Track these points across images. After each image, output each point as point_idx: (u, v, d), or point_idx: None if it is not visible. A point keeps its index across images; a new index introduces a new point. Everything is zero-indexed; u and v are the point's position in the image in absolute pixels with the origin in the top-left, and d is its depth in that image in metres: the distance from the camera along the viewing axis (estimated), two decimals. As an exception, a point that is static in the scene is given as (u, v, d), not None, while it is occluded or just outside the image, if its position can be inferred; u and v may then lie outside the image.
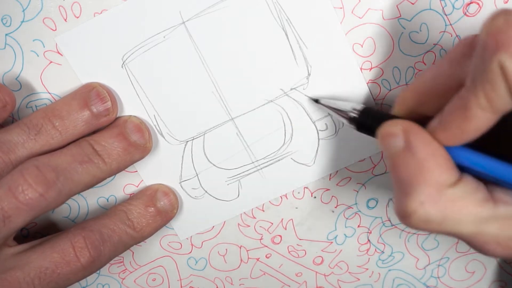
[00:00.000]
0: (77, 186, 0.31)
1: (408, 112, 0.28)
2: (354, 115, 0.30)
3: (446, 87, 0.25)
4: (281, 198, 0.37)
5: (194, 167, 0.36)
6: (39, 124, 0.32)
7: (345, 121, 0.30)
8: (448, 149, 0.25)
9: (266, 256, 0.39)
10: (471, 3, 0.32)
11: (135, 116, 0.34)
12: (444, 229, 0.24)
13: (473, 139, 0.24)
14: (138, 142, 0.34)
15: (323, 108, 0.32)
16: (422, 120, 0.26)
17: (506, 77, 0.21)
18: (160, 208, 0.35)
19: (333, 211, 0.38)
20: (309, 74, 0.33)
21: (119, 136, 0.33)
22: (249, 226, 0.38)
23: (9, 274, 0.30)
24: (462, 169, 0.25)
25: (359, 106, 0.30)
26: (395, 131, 0.26)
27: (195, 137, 0.35)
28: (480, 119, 0.23)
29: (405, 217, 0.25)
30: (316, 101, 0.33)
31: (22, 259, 0.31)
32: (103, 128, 0.34)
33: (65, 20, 0.32)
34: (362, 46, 0.33)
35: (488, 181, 0.25)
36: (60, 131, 0.32)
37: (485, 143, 0.26)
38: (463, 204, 0.24)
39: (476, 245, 0.25)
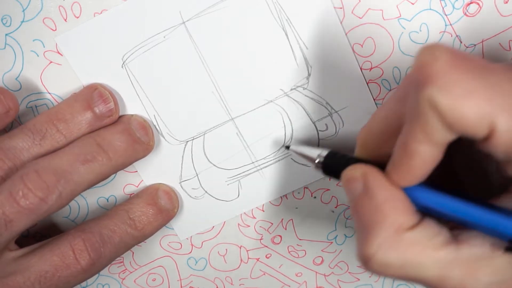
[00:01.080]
0: (79, 186, 0.31)
1: (369, 153, 0.27)
2: (319, 160, 0.31)
3: (398, 126, 0.24)
4: (281, 198, 0.37)
5: (194, 167, 0.36)
6: (43, 129, 0.32)
7: (312, 166, 0.31)
8: (410, 191, 0.24)
9: (266, 256, 0.39)
10: (471, 3, 0.32)
11: (137, 115, 0.34)
12: (406, 273, 0.24)
13: (425, 176, 0.23)
14: (143, 139, 0.34)
15: (294, 153, 0.34)
16: (387, 160, 0.26)
17: (437, 110, 0.21)
18: (162, 206, 0.35)
19: (333, 211, 0.38)
20: (309, 74, 0.33)
21: (124, 132, 0.33)
22: (249, 226, 0.38)
23: (10, 279, 0.31)
24: (425, 210, 0.25)
25: (324, 152, 0.31)
26: (354, 175, 0.26)
27: (195, 137, 0.35)
28: (422, 154, 0.22)
29: (365, 262, 0.24)
30: (287, 147, 0.34)
31: (22, 263, 0.31)
32: (108, 126, 0.33)
33: (65, 20, 0.32)
34: (362, 46, 0.33)
35: (452, 224, 0.25)
36: (65, 135, 0.32)
37: (457, 184, 0.26)
38: (423, 247, 0.23)
39: None
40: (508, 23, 0.32)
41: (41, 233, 0.38)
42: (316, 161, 0.31)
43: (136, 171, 0.36)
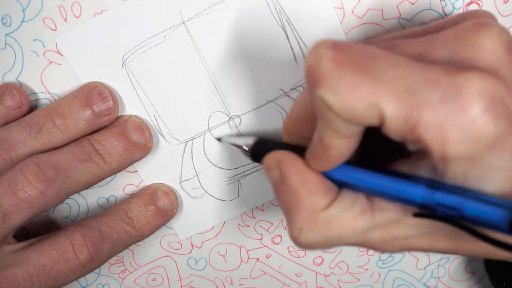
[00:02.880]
0: (77, 184, 0.31)
1: (293, 138, 0.28)
2: (247, 149, 0.32)
3: (312, 112, 0.25)
4: (281, 198, 0.37)
5: (194, 167, 0.36)
6: (40, 123, 0.32)
7: (242, 154, 0.33)
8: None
9: (266, 256, 0.39)
10: (471, 3, 0.32)
11: (136, 116, 0.34)
12: (331, 245, 0.26)
13: (344, 161, 0.25)
14: (139, 142, 0.34)
15: (226, 144, 0.35)
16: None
17: (330, 108, 0.22)
18: (160, 207, 0.35)
19: (333, 211, 0.38)
20: (309, 74, 0.33)
21: (119, 135, 0.33)
22: (249, 226, 0.38)
23: (8, 271, 0.31)
24: (342, 185, 0.26)
25: (252, 140, 0.32)
26: (271, 164, 0.27)
27: (195, 137, 0.35)
28: (336, 146, 0.23)
29: (293, 242, 0.26)
30: (219, 139, 0.35)
31: (20, 256, 0.31)
32: (104, 128, 0.34)
33: (65, 20, 0.32)
34: (362, 46, 0.33)
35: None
36: (61, 130, 0.32)
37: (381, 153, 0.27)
38: (339, 222, 0.25)
39: (367, 248, 0.26)
40: (508, 23, 0.32)
41: (41, 233, 0.38)
42: (246, 150, 0.32)
43: (136, 171, 0.36)
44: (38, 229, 0.38)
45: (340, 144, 0.23)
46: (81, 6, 0.32)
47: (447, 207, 0.22)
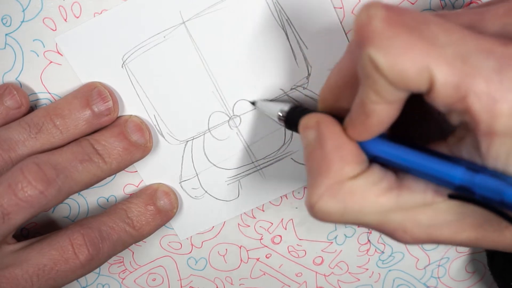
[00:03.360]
0: (77, 184, 0.31)
1: (329, 108, 0.27)
2: (282, 114, 0.31)
3: (352, 79, 0.24)
4: (281, 198, 0.37)
5: (194, 167, 0.36)
6: (40, 123, 0.32)
7: (276, 120, 0.31)
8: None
9: (266, 256, 0.39)
10: (471, 3, 0.32)
11: (135, 116, 0.34)
12: (347, 220, 0.25)
13: (383, 131, 0.24)
14: (139, 142, 0.34)
15: (260, 109, 0.34)
16: (346, 114, 0.26)
17: (379, 70, 0.21)
18: (160, 207, 0.35)
19: (333, 211, 0.38)
20: (309, 74, 0.33)
21: (119, 135, 0.33)
22: (249, 226, 0.38)
23: (8, 271, 0.31)
24: (375, 159, 0.25)
25: (287, 107, 0.31)
26: (309, 123, 0.26)
27: (195, 137, 0.35)
28: (378, 112, 0.23)
29: (309, 209, 0.25)
30: (253, 103, 0.34)
31: (20, 256, 0.31)
32: (104, 128, 0.34)
33: (65, 20, 0.32)
34: (362, 46, 0.33)
35: (399, 170, 0.25)
36: (61, 130, 0.32)
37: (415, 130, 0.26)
38: (363, 195, 0.24)
39: (384, 232, 0.25)
40: (508, 23, 0.32)
41: (41, 233, 0.38)
42: (280, 115, 0.31)
43: (136, 171, 0.36)
44: (38, 229, 0.38)
45: (382, 110, 0.22)
46: (81, 6, 0.32)
47: (489, 191, 0.21)
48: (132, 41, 0.33)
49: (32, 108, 0.34)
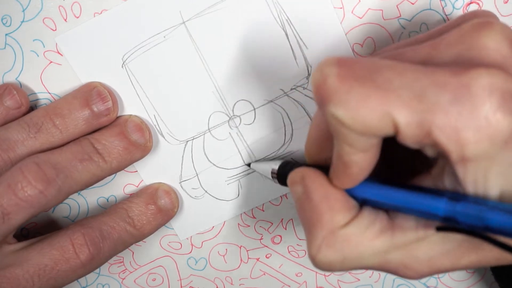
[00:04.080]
0: (77, 184, 0.31)
1: (316, 159, 0.28)
2: (274, 173, 0.32)
3: (328, 132, 0.25)
4: (281, 198, 0.37)
5: (194, 167, 0.36)
6: (39, 122, 0.32)
7: (270, 179, 0.33)
8: None
9: (266, 256, 0.39)
10: (471, 3, 0.32)
11: (135, 116, 0.34)
12: (349, 267, 0.25)
13: (366, 176, 0.24)
14: (139, 142, 0.34)
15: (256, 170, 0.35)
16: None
17: (343, 124, 0.21)
18: (161, 206, 0.35)
19: (333, 211, 0.38)
20: (309, 74, 0.34)
21: (119, 135, 0.33)
22: (249, 226, 0.38)
23: (8, 271, 0.30)
24: (363, 202, 0.25)
25: (277, 164, 0.32)
26: (295, 178, 0.27)
27: (195, 137, 0.35)
28: (356, 162, 0.23)
29: (312, 261, 0.25)
30: (248, 165, 0.36)
31: (21, 256, 0.31)
32: (104, 127, 0.34)
33: (65, 20, 0.32)
34: (362, 46, 0.33)
35: (390, 210, 0.25)
36: (61, 130, 0.32)
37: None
38: (359, 240, 0.24)
39: (388, 272, 0.25)
40: (508, 23, 0.32)
41: (41, 233, 0.38)
42: (272, 175, 0.32)
43: (136, 171, 0.36)
44: (38, 229, 0.38)
45: (359, 159, 0.23)
46: (81, 6, 0.32)
47: (471, 218, 0.22)
48: (132, 41, 0.33)
49: (32, 108, 0.34)
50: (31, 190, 0.29)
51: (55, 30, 0.32)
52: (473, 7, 0.32)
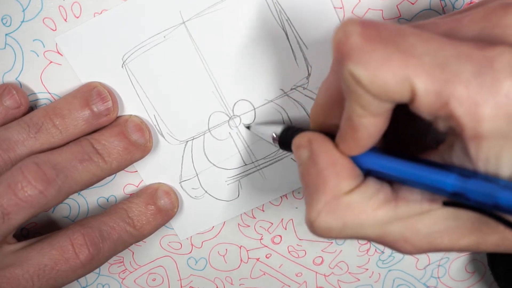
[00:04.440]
0: (77, 184, 0.31)
1: (321, 125, 0.28)
2: (275, 136, 0.32)
3: (338, 96, 0.25)
4: (281, 198, 0.37)
5: (194, 167, 0.36)
6: (39, 123, 0.32)
7: (271, 142, 0.32)
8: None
9: (266, 256, 0.39)
10: (471, 3, 0.32)
11: (135, 116, 0.34)
12: (347, 235, 0.25)
13: (374, 144, 0.24)
14: (139, 142, 0.34)
15: (254, 132, 0.35)
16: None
17: (361, 84, 0.21)
18: (161, 206, 0.35)
19: (333, 211, 0.38)
20: (309, 74, 0.33)
21: (119, 135, 0.33)
22: (249, 226, 0.38)
23: (8, 271, 0.31)
24: (369, 172, 0.25)
25: (280, 127, 0.31)
26: (302, 142, 0.26)
27: (195, 137, 0.35)
28: (366, 126, 0.23)
29: (308, 226, 0.25)
30: (248, 127, 0.35)
31: (21, 256, 0.31)
32: (104, 127, 0.34)
33: (65, 20, 0.32)
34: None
35: (394, 181, 0.25)
36: (61, 130, 0.32)
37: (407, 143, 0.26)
38: (361, 209, 0.24)
39: (385, 245, 0.25)
40: (508, 23, 0.32)
41: (41, 233, 0.38)
42: (274, 137, 0.32)
43: (136, 171, 0.36)
44: (38, 229, 0.38)
45: (369, 123, 0.23)
46: (81, 6, 0.32)
47: (481, 195, 0.22)
48: (132, 41, 0.33)
49: (32, 108, 0.34)
50: (31, 190, 0.29)
51: (55, 30, 0.32)
52: (473, 7, 0.32)
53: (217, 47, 0.33)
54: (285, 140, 0.31)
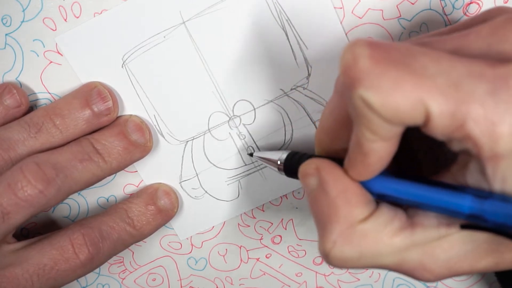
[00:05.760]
0: (76, 184, 0.31)
1: (327, 150, 0.27)
2: (281, 163, 0.31)
3: (344, 119, 0.24)
4: (281, 198, 0.37)
5: (194, 167, 0.36)
6: (39, 122, 0.32)
7: (276, 170, 0.31)
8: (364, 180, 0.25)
9: (266, 256, 0.39)
10: (471, 3, 0.32)
11: (136, 116, 0.34)
12: (364, 264, 0.24)
13: (384, 167, 0.23)
14: (139, 142, 0.34)
15: (258, 160, 0.34)
16: (344, 154, 0.26)
17: (372, 109, 0.20)
18: (161, 206, 0.35)
19: (333, 211, 0.38)
20: (309, 74, 0.33)
21: (119, 135, 0.33)
22: (249, 226, 0.38)
23: (8, 270, 0.31)
24: (381, 197, 0.24)
25: (285, 154, 0.31)
26: (309, 170, 0.25)
27: (195, 137, 0.35)
28: (376, 150, 0.22)
29: (324, 256, 0.24)
30: (251, 154, 0.35)
31: (21, 256, 0.31)
32: (104, 127, 0.34)
33: (65, 20, 0.32)
34: (362, 46, 0.33)
35: (409, 206, 0.24)
36: (61, 130, 0.32)
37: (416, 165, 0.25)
38: (377, 237, 0.23)
39: (404, 273, 0.24)
40: (508, 23, 0.32)
41: (41, 233, 0.38)
42: (278, 164, 0.31)
43: (136, 171, 0.36)
44: (38, 229, 0.38)
45: (380, 148, 0.22)
46: (81, 6, 0.32)
47: (500, 216, 0.21)
48: (132, 41, 0.33)
49: (32, 108, 0.34)
50: (31, 190, 0.29)
51: (55, 30, 0.32)
52: (473, 7, 0.32)
53: (217, 47, 0.33)
54: (290, 168, 0.30)
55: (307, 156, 0.29)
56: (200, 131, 0.35)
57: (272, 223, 0.38)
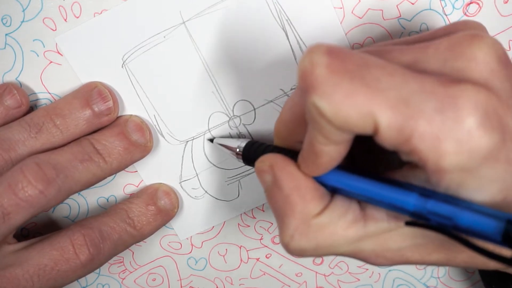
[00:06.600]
0: (77, 184, 0.31)
1: (284, 141, 0.28)
2: (238, 151, 0.32)
3: (303, 116, 0.25)
4: (281, 198, 0.37)
5: (194, 167, 0.36)
6: (40, 123, 0.32)
7: (234, 157, 0.32)
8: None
9: (266, 256, 0.39)
10: (471, 3, 0.32)
11: (136, 116, 0.34)
12: (322, 254, 0.25)
13: (335, 166, 0.24)
14: (139, 142, 0.34)
15: (218, 146, 0.34)
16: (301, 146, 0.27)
17: (323, 116, 0.21)
18: (161, 207, 0.35)
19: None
20: (309, 74, 0.33)
21: (120, 135, 0.33)
22: (249, 226, 0.38)
23: (8, 271, 0.31)
24: (335, 191, 0.25)
25: (244, 142, 0.32)
26: (264, 167, 0.27)
27: (195, 137, 0.35)
28: (327, 152, 0.23)
29: (284, 248, 0.26)
30: (211, 140, 0.35)
31: (21, 256, 0.31)
32: (104, 127, 0.34)
33: (65, 20, 0.32)
34: (362, 46, 0.33)
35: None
36: (61, 130, 0.32)
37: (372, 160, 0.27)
38: (332, 230, 0.25)
39: (359, 259, 0.26)
40: (508, 23, 0.32)
41: (41, 233, 0.38)
42: (237, 151, 0.32)
43: (136, 171, 0.36)
44: (38, 229, 0.38)
45: (331, 151, 0.23)
46: (81, 6, 0.32)
47: (440, 216, 0.22)
48: (132, 41, 0.33)
49: (32, 108, 0.34)
50: (31, 190, 0.29)
51: (55, 30, 0.32)
52: (473, 7, 0.32)
53: (217, 47, 0.33)
54: (248, 156, 0.31)
55: (265, 146, 0.30)
56: (200, 131, 0.35)
57: (272, 223, 0.38)
